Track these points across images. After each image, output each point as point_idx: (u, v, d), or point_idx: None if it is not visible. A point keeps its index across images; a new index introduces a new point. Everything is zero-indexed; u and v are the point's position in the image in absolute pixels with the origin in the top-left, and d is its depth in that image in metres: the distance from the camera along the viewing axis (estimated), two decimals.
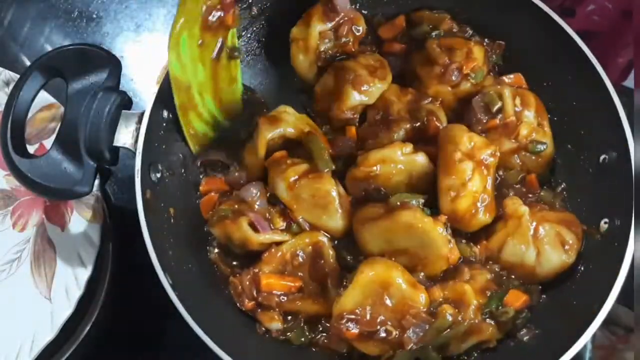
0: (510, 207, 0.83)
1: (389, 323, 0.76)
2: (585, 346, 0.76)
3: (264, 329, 0.82)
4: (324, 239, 0.82)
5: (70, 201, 0.89)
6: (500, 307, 0.79)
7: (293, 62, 0.92)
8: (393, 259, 0.80)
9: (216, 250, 0.87)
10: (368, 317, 0.76)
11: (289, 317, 0.82)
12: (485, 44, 0.93)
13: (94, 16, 1.17)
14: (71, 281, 0.85)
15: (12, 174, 0.77)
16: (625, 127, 0.80)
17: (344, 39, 0.91)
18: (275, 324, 0.82)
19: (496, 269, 0.83)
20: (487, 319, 0.79)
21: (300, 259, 0.82)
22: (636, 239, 0.76)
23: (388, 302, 0.76)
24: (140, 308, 0.97)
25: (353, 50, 0.92)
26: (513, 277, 0.83)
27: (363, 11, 0.95)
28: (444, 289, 0.80)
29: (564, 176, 0.89)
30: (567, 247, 0.81)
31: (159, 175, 0.82)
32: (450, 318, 0.77)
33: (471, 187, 0.80)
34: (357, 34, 0.92)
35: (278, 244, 0.83)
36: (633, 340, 0.95)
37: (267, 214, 0.84)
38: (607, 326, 0.97)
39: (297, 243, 0.82)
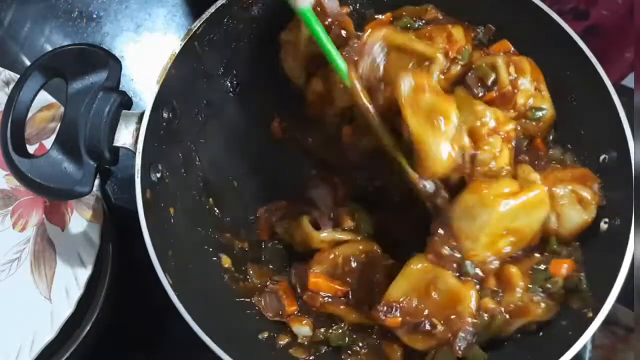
0: (521, 175, 0.82)
1: (435, 316, 0.76)
2: (585, 346, 0.76)
3: (282, 343, 0.83)
4: (378, 249, 0.82)
5: (70, 201, 0.89)
6: (548, 279, 0.79)
7: (283, 66, 0.92)
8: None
9: (225, 256, 0.88)
10: (413, 306, 0.76)
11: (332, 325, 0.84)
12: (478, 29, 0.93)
13: (94, 16, 1.17)
14: (71, 281, 0.85)
15: (12, 174, 0.76)
16: (626, 127, 0.80)
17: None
18: (305, 328, 0.83)
19: None
20: (539, 297, 0.78)
21: (353, 265, 0.82)
22: (636, 238, 0.76)
23: (435, 295, 0.76)
24: (140, 308, 0.97)
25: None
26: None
27: (356, 6, 0.95)
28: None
29: None
30: (585, 204, 0.81)
31: (159, 175, 0.82)
32: (486, 317, 0.76)
33: (501, 160, 0.79)
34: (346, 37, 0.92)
35: (332, 246, 0.83)
36: (633, 341, 0.95)
37: (333, 214, 0.85)
38: (607, 326, 0.97)
39: (351, 249, 0.82)
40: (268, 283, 0.87)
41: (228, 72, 0.93)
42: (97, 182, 0.87)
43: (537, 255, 0.81)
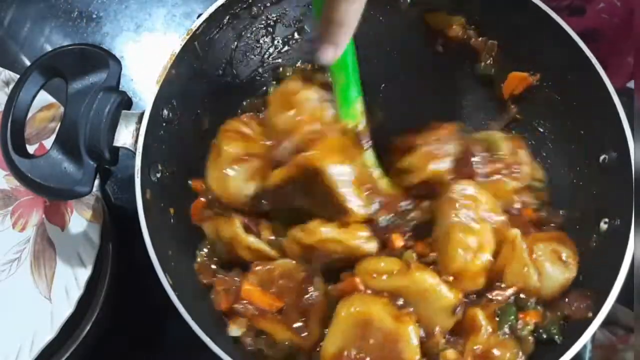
0: (499, 231, 0.79)
1: None
2: (585, 346, 0.76)
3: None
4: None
5: (70, 201, 0.89)
6: (518, 321, 0.78)
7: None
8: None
9: (202, 257, 0.86)
10: (353, 358, 0.71)
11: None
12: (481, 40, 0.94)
13: (94, 16, 1.17)
14: (71, 281, 0.85)
15: (12, 174, 0.76)
16: (625, 127, 0.80)
17: None
18: (236, 329, 0.79)
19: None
20: (507, 338, 0.77)
21: (289, 283, 0.78)
22: (636, 238, 0.76)
23: (372, 340, 0.72)
24: (140, 308, 0.97)
25: None
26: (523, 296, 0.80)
27: None
28: None
29: (564, 176, 0.90)
30: (566, 261, 0.80)
31: (159, 175, 0.81)
32: None
33: (488, 248, 0.77)
34: None
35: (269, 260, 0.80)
36: (633, 340, 0.95)
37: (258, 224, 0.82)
38: (607, 326, 0.97)
39: (290, 265, 0.79)
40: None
41: (228, 72, 0.93)
42: (97, 182, 0.87)
43: (498, 298, 0.78)
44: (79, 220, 0.89)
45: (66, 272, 0.86)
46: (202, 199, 0.86)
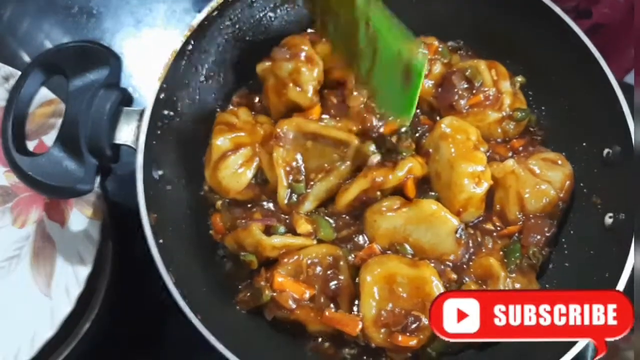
0: (497, 170, 0.85)
1: (413, 309, 0.77)
2: (587, 345, 0.75)
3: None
4: (341, 253, 0.82)
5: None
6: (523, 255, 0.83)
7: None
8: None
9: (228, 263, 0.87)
10: (393, 315, 0.77)
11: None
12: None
13: (94, 12, 1.17)
14: (71, 278, 0.85)
15: (13, 173, 0.76)
16: (629, 121, 0.80)
17: None
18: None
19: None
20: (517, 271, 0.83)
21: (317, 270, 0.80)
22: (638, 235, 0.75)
23: (401, 291, 0.78)
24: (140, 305, 0.97)
25: None
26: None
27: None
28: (470, 268, 0.82)
29: None
30: (560, 162, 0.86)
31: (160, 172, 0.81)
32: None
33: (488, 175, 0.83)
34: None
35: (297, 249, 0.82)
36: (634, 340, 0.95)
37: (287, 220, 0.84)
38: None
39: (315, 251, 0.81)
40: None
41: (231, 69, 0.92)
42: (97, 179, 0.86)
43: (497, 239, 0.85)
44: (79, 217, 0.88)
45: (66, 269, 0.85)
46: (217, 213, 0.88)
